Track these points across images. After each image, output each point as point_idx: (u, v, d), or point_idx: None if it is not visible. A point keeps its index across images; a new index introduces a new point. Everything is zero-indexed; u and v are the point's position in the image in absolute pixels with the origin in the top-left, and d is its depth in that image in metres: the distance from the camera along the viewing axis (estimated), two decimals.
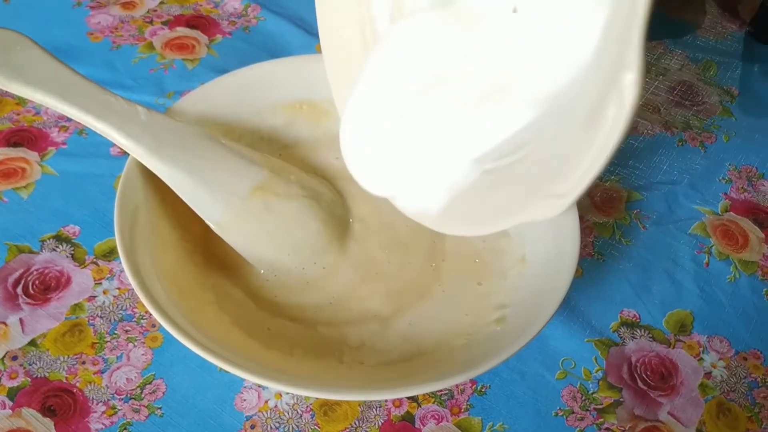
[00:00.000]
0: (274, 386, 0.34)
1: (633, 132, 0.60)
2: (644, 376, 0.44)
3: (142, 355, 0.42)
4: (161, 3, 0.66)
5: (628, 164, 0.57)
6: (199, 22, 0.64)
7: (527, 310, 0.39)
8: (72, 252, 0.46)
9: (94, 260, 0.46)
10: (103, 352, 0.42)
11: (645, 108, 0.63)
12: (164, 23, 0.64)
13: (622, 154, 0.58)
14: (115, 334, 0.43)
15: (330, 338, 0.41)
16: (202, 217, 0.41)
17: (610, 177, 0.56)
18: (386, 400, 0.41)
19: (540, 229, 0.44)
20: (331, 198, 0.47)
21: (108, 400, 0.40)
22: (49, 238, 0.46)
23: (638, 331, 0.46)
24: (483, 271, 0.44)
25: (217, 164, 0.42)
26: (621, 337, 0.46)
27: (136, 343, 0.42)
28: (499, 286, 0.43)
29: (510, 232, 0.46)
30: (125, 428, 0.39)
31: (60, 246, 0.46)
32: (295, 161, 0.49)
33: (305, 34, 0.64)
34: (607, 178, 0.56)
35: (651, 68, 0.67)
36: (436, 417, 0.41)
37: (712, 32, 0.72)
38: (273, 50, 0.62)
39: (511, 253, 0.44)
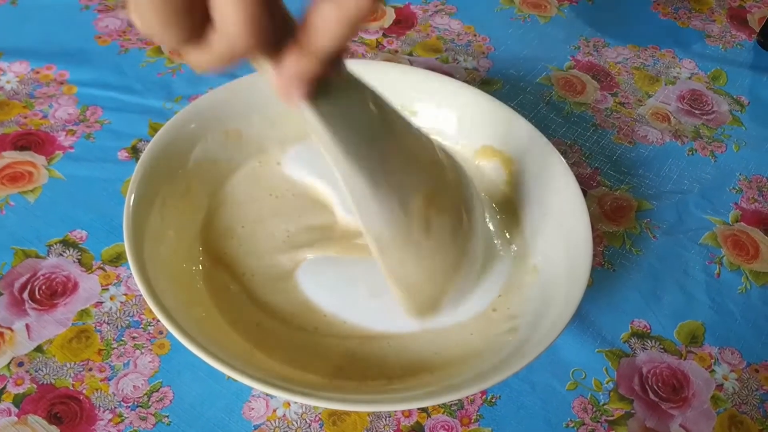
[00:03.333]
0: (284, 396, 0.34)
1: (643, 141, 0.60)
2: (655, 387, 0.44)
3: (149, 362, 0.41)
4: None
5: (638, 173, 0.57)
6: None
7: (539, 321, 0.39)
8: (79, 257, 0.46)
9: (101, 265, 0.45)
10: (109, 359, 0.41)
11: (654, 116, 0.62)
12: None
13: (632, 163, 0.58)
14: (122, 340, 0.42)
15: (321, 346, 0.41)
16: (363, 228, 0.35)
17: (620, 186, 0.56)
18: (395, 411, 0.41)
19: (551, 239, 0.43)
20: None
21: (115, 407, 0.39)
22: (55, 243, 0.46)
23: (649, 341, 0.46)
24: (502, 299, 0.43)
25: (395, 167, 0.34)
26: (632, 348, 0.45)
27: (143, 350, 0.42)
28: (512, 296, 0.42)
29: (526, 238, 0.45)
30: None
31: (67, 251, 0.46)
32: None
33: None
34: (617, 187, 0.55)
35: (660, 77, 0.67)
36: (446, 427, 0.41)
37: (721, 41, 0.72)
38: None
39: (525, 263, 0.44)
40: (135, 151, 0.52)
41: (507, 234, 0.46)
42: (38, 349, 0.41)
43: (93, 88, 0.56)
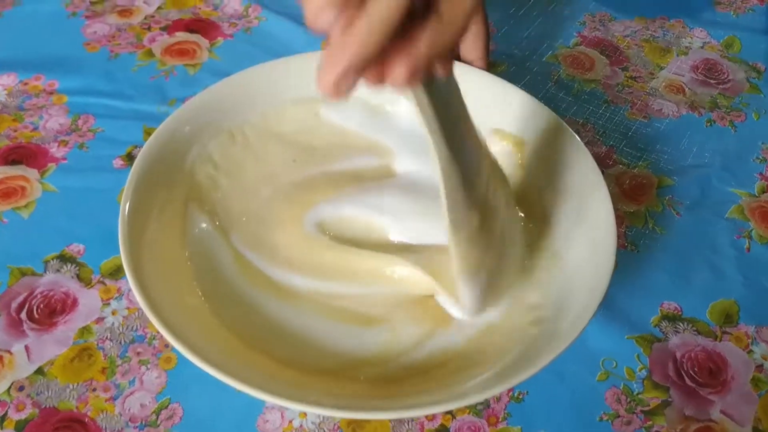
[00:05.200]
0: (300, 408, 0.32)
1: (658, 114, 0.57)
2: (691, 372, 0.41)
3: (156, 378, 0.39)
4: (159, 8, 0.63)
5: (655, 148, 0.54)
6: (198, 25, 0.62)
7: (564, 310, 0.37)
8: (77, 272, 0.44)
9: (101, 279, 0.43)
10: (114, 377, 0.39)
11: (668, 89, 0.60)
12: (163, 29, 0.61)
13: (649, 139, 0.55)
14: (126, 357, 0.40)
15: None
16: (450, 219, 0.33)
17: (638, 163, 0.53)
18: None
19: (571, 222, 0.41)
20: None
21: (122, 428, 0.37)
22: (52, 259, 0.44)
23: (681, 324, 0.43)
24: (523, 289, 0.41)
25: (471, 150, 0.34)
26: (663, 332, 0.43)
27: (149, 366, 0.40)
28: (533, 284, 0.40)
29: (545, 223, 0.43)
30: None
31: (64, 266, 0.44)
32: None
33: (308, 31, 0.61)
34: (635, 165, 0.53)
35: (671, 48, 0.64)
36: (473, 429, 0.38)
37: (732, 7, 0.69)
38: (276, 50, 0.60)
39: (545, 249, 0.41)
40: (130, 159, 0.50)
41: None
42: (39, 371, 0.39)
43: (84, 96, 0.54)
